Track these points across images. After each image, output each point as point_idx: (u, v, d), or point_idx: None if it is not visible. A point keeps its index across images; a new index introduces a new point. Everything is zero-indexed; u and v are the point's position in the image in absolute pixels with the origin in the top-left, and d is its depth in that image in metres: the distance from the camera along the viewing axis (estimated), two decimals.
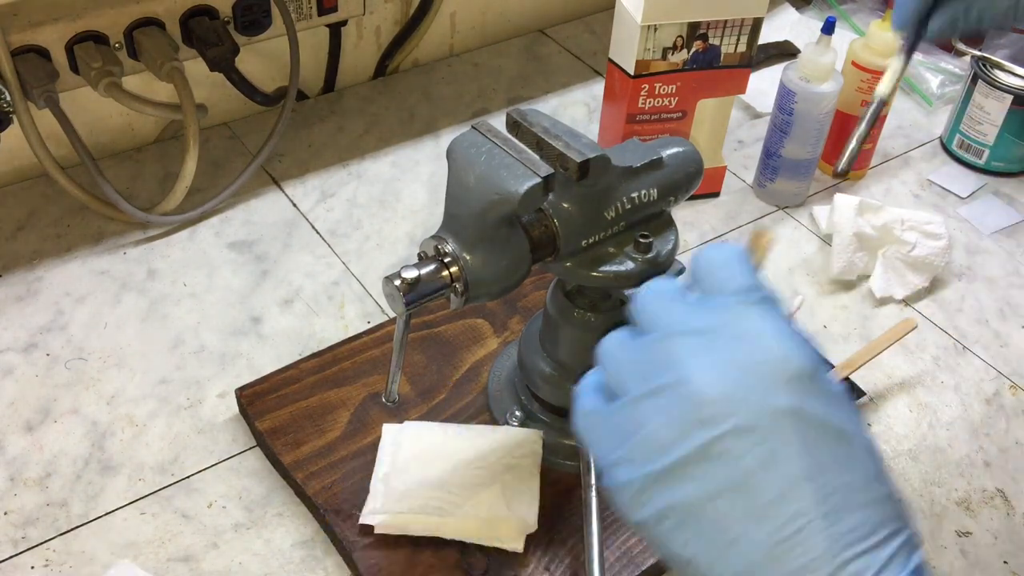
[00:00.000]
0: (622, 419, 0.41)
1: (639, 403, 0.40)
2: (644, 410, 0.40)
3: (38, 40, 0.86)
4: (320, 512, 0.68)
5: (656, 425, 0.40)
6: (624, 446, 0.41)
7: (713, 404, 0.39)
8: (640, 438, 0.40)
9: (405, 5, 1.10)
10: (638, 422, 0.40)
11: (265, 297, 0.86)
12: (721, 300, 0.42)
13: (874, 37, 0.94)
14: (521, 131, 0.59)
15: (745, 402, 0.38)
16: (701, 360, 0.40)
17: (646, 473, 0.40)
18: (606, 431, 0.42)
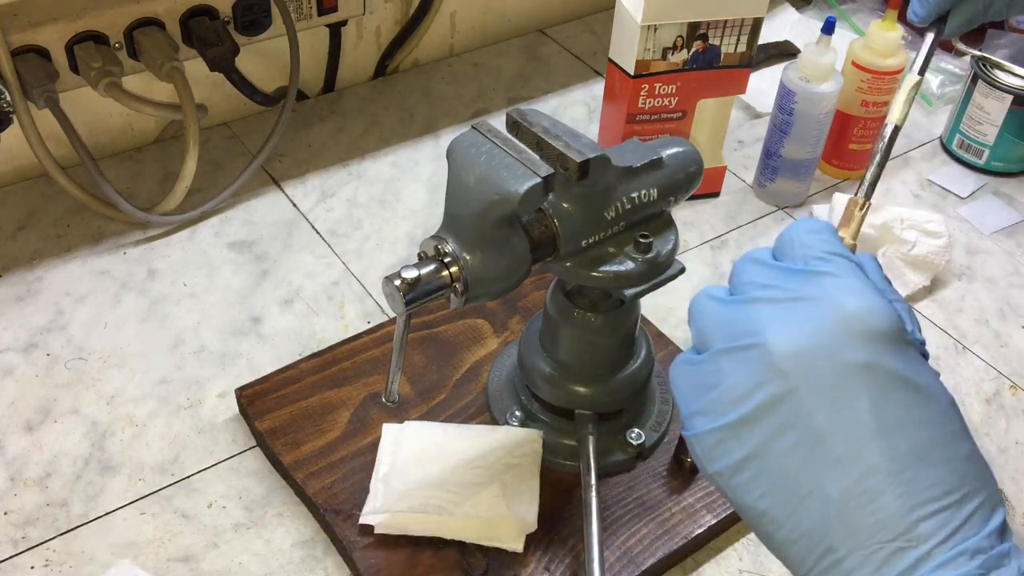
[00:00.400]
0: (704, 372, 0.43)
1: (720, 358, 0.42)
2: (724, 365, 0.42)
3: (38, 40, 0.86)
4: (320, 512, 0.68)
5: (734, 379, 0.41)
6: (704, 398, 0.42)
7: (787, 359, 0.40)
8: (719, 391, 0.42)
9: (405, 5, 1.10)
10: (719, 376, 0.42)
11: (265, 297, 0.86)
12: (804, 266, 0.43)
13: (874, 37, 0.94)
14: (521, 131, 0.59)
15: (818, 358, 0.39)
16: (780, 320, 0.41)
17: (722, 424, 0.41)
18: (690, 383, 0.44)
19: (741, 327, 0.42)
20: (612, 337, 0.68)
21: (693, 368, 0.44)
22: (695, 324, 0.45)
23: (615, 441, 0.72)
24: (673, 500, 0.70)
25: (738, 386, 0.41)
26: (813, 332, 0.40)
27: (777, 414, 0.40)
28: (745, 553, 0.70)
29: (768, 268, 0.44)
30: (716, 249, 0.94)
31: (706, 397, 0.42)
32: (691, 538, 0.68)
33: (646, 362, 0.71)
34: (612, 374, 0.69)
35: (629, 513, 0.69)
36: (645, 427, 0.73)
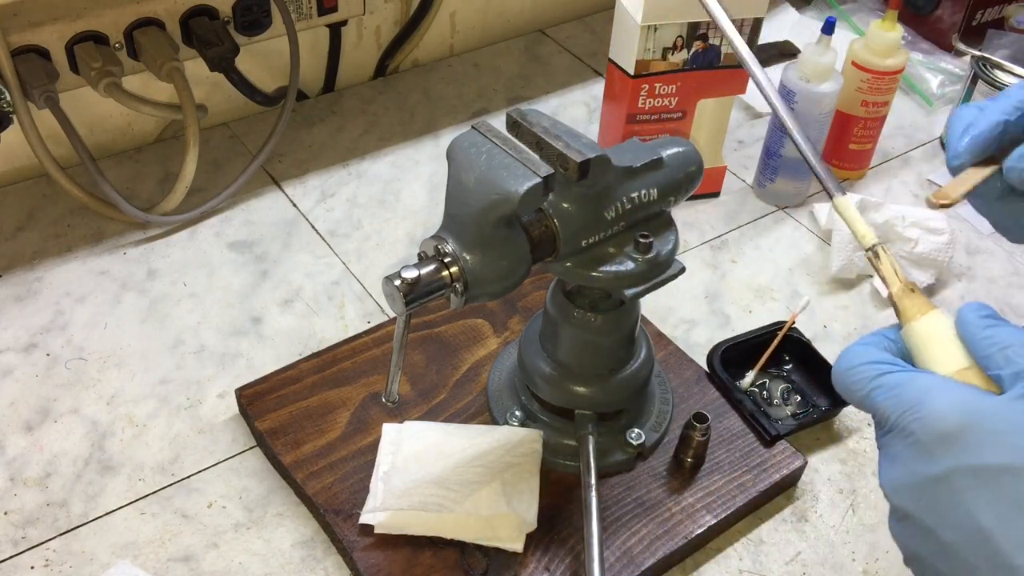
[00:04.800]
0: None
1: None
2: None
3: (38, 40, 0.86)
4: (320, 512, 0.68)
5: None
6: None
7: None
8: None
9: (405, 5, 1.10)
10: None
11: (265, 297, 0.86)
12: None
13: (874, 37, 0.94)
14: (521, 131, 0.59)
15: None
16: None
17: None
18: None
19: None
20: (612, 337, 0.68)
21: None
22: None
23: (615, 441, 0.72)
24: (673, 500, 0.70)
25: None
26: None
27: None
28: (745, 553, 0.70)
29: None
30: (716, 249, 0.94)
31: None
32: (691, 538, 0.68)
33: (646, 362, 0.71)
34: (612, 374, 0.69)
35: (629, 513, 0.69)
36: (645, 427, 0.73)
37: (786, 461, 0.73)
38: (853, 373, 0.47)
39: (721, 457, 0.73)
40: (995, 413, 0.42)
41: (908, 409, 0.44)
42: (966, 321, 0.47)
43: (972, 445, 0.41)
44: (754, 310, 0.88)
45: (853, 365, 0.47)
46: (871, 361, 0.46)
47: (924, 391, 0.44)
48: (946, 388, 0.44)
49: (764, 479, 0.71)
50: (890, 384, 0.45)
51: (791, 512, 0.73)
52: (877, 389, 0.45)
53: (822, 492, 0.74)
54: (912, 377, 0.45)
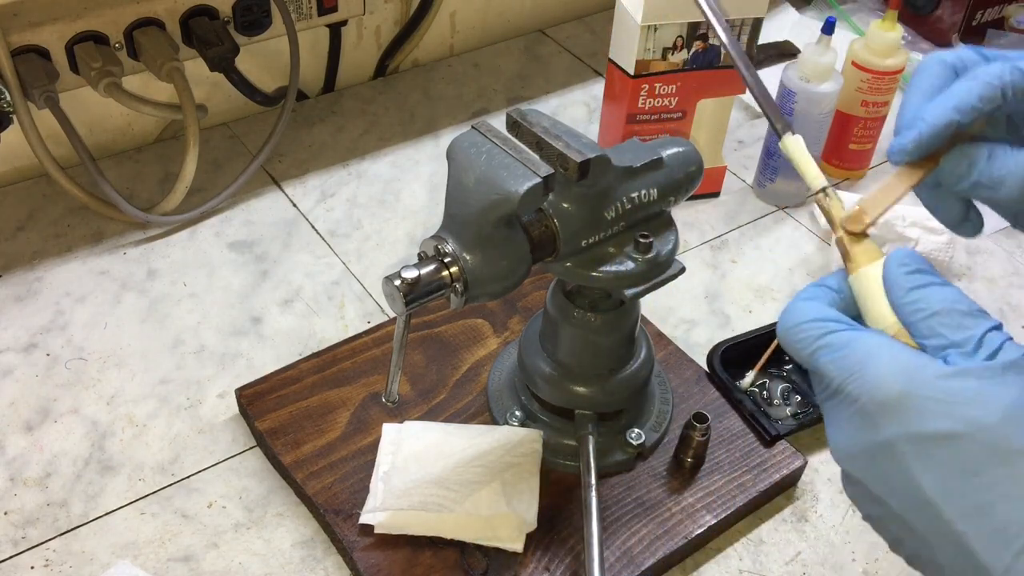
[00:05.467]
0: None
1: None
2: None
3: (38, 40, 0.86)
4: (320, 512, 0.68)
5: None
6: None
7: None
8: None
9: (405, 5, 1.10)
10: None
11: (265, 297, 0.86)
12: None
13: (874, 37, 0.94)
14: (521, 131, 0.59)
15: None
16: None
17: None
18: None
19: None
20: (612, 337, 0.68)
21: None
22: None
23: (615, 441, 0.72)
24: (673, 500, 0.70)
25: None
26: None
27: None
28: (745, 553, 0.70)
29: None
30: (716, 249, 0.94)
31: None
32: (691, 538, 0.68)
33: (646, 362, 0.71)
34: (612, 374, 0.69)
35: (629, 513, 0.69)
36: (645, 427, 0.73)
37: (786, 461, 0.73)
38: (797, 331, 0.45)
39: (721, 457, 0.73)
40: (935, 380, 0.41)
41: (851, 374, 0.43)
42: (890, 281, 0.45)
43: (913, 413, 0.41)
44: (754, 310, 0.88)
45: (797, 322, 0.45)
46: (814, 319, 0.45)
47: (867, 355, 0.42)
48: (889, 352, 0.42)
49: (764, 479, 0.71)
50: (834, 345, 0.44)
51: (791, 512, 0.73)
52: (821, 349, 0.44)
53: (822, 492, 0.74)
54: (855, 338, 0.43)
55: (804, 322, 0.45)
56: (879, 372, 0.42)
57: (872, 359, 0.42)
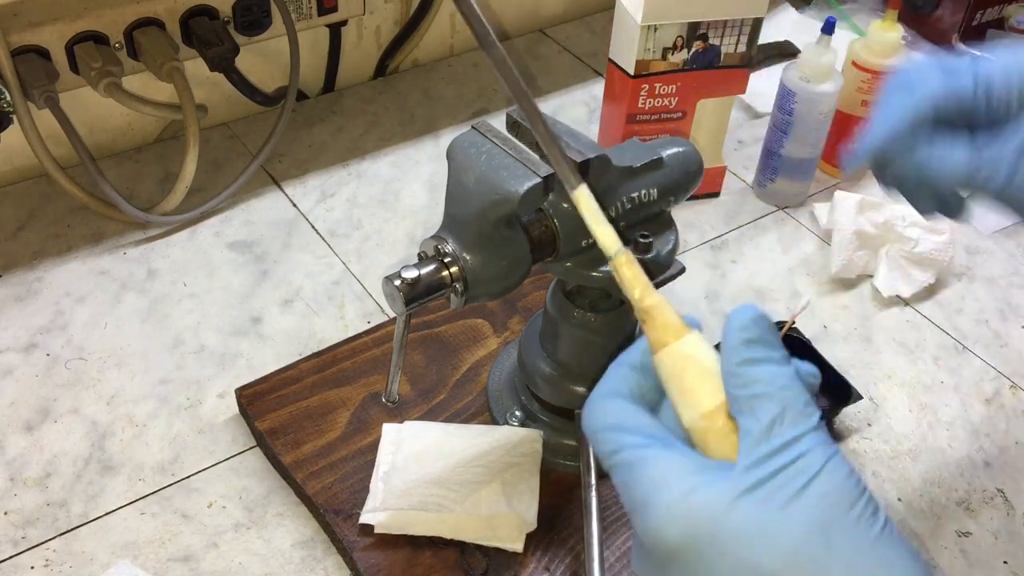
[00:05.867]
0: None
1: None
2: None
3: (38, 40, 0.86)
4: (320, 512, 0.68)
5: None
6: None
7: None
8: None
9: (405, 5, 1.10)
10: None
11: (265, 297, 0.86)
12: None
13: (874, 37, 0.94)
14: (521, 131, 0.59)
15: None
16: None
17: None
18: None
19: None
20: (612, 337, 0.68)
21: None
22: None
23: None
24: None
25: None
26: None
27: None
28: None
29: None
30: (716, 249, 0.94)
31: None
32: None
33: None
34: None
35: None
36: None
37: None
38: (596, 439, 0.42)
39: None
40: (720, 519, 0.37)
41: (635, 510, 0.39)
42: (727, 344, 0.41)
43: (697, 563, 0.38)
44: None
45: (595, 429, 0.42)
46: (609, 427, 0.41)
47: (651, 489, 0.39)
48: (673, 483, 0.38)
49: None
50: (623, 467, 0.40)
51: None
52: (614, 468, 0.41)
53: None
54: (642, 459, 0.39)
55: (599, 430, 0.42)
56: (660, 514, 0.38)
57: (655, 495, 0.39)
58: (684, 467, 0.39)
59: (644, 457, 0.40)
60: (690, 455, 0.40)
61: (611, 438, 0.41)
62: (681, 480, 0.38)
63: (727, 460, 0.39)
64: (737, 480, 0.38)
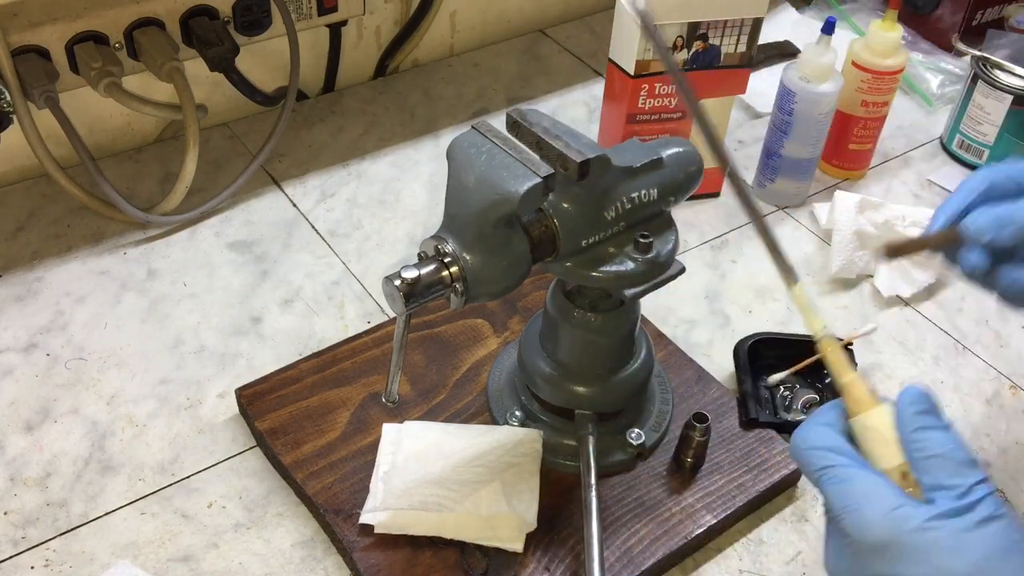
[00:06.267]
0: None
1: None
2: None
3: (38, 40, 0.86)
4: (320, 512, 0.68)
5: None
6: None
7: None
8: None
9: (405, 5, 1.10)
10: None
11: (265, 297, 0.86)
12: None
13: (874, 37, 0.94)
14: (521, 131, 0.59)
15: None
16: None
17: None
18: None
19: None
20: (612, 337, 0.68)
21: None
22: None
23: (615, 441, 0.72)
24: (673, 500, 0.70)
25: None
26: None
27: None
28: (745, 553, 0.70)
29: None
30: (716, 249, 0.94)
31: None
32: (691, 538, 0.68)
33: (646, 362, 0.71)
34: (612, 374, 0.69)
35: (629, 513, 0.69)
36: (645, 427, 0.73)
37: (786, 461, 0.73)
38: (808, 454, 0.51)
39: (721, 457, 0.73)
40: (918, 531, 0.46)
41: (846, 510, 0.48)
42: (901, 416, 0.50)
43: (895, 559, 0.47)
44: (754, 310, 0.88)
45: (809, 446, 0.51)
46: (824, 447, 0.50)
47: (862, 496, 0.48)
48: (882, 497, 0.48)
49: (764, 479, 0.71)
50: (837, 477, 0.49)
51: (791, 512, 0.73)
52: (825, 475, 0.50)
53: None
54: (855, 475, 0.49)
55: (815, 448, 0.51)
56: (870, 516, 0.47)
57: (866, 502, 0.48)
58: (889, 489, 0.48)
59: (856, 475, 0.49)
60: (890, 483, 0.49)
61: (827, 456, 0.50)
62: (888, 497, 0.48)
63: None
64: (931, 508, 0.47)
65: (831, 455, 0.50)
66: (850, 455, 0.50)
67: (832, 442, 0.51)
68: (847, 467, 0.49)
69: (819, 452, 0.51)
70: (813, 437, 0.51)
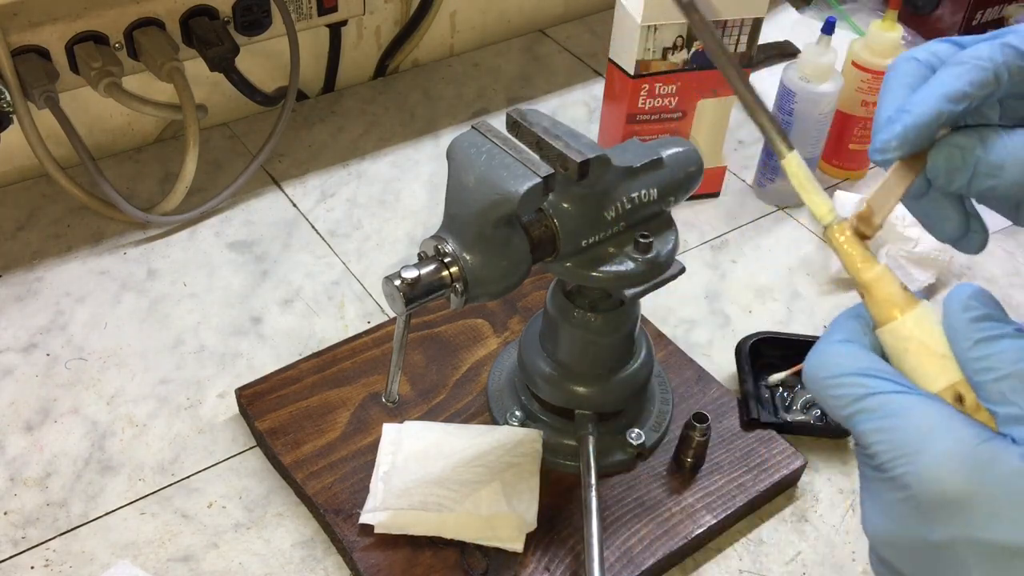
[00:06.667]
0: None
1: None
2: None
3: (38, 40, 0.86)
4: (320, 512, 0.68)
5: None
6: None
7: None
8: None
9: (405, 5, 1.10)
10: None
11: (265, 297, 0.86)
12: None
13: (874, 37, 0.94)
14: (521, 131, 0.59)
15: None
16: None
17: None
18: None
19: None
20: (612, 337, 0.68)
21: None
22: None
23: (615, 441, 0.72)
24: (673, 500, 0.70)
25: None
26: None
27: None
28: (745, 553, 0.70)
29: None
30: (716, 249, 0.94)
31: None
32: (691, 538, 0.68)
33: (646, 362, 0.71)
34: (612, 374, 0.69)
35: (629, 513, 0.69)
36: (645, 427, 0.73)
37: (786, 461, 0.73)
38: (832, 385, 0.38)
39: (721, 457, 0.73)
40: (1010, 478, 0.34)
41: (901, 455, 0.36)
42: (953, 329, 0.38)
43: (982, 517, 0.34)
44: (754, 310, 0.88)
45: (833, 374, 0.38)
46: (853, 372, 0.38)
47: (922, 435, 0.36)
48: (951, 433, 0.35)
49: (764, 479, 0.71)
50: (880, 412, 0.37)
51: (791, 512, 0.73)
52: (863, 413, 0.37)
53: (822, 492, 0.74)
54: (907, 406, 0.37)
55: (840, 375, 0.38)
56: (938, 460, 0.35)
57: (929, 441, 0.35)
58: (960, 418, 0.36)
59: (908, 404, 0.37)
60: (954, 410, 0.37)
61: (859, 383, 0.37)
62: (961, 430, 0.35)
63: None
64: (1020, 440, 0.35)
65: (865, 380, 0.37)
66: (891, 376, 0.38)
67: (862, 362, 0.38)
68: (893, 394, 0.37)
69: (847, 379, 0.38)
70: (835, 361, 0.39)
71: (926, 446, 0.35)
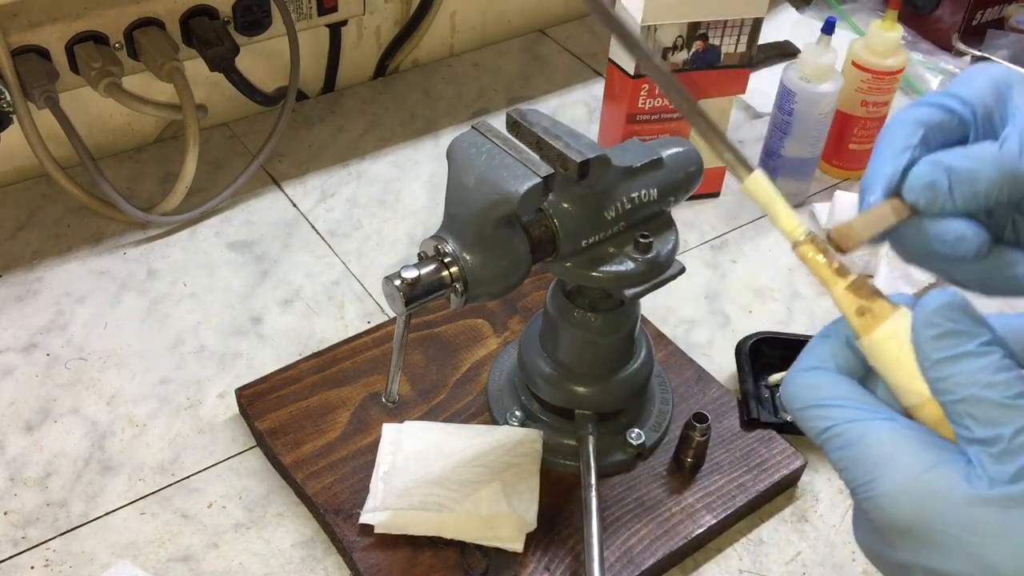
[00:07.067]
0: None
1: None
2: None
3: (38, 40, 0.86)
4: (320, 512, 0.68)
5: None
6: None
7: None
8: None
9: (405, 5, 1.10)
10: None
11: (265, 297, 0.86)
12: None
13: (874, 37, 0.94)
14: (521, 131, 0.59)
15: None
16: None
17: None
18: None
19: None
20: (612, 337, 0.68)
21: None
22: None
23: (615, 441, 0.72)
24: (673, 500, 0.70)
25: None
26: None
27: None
28: (745, 553, 0.70)
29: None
30: (716, 249, 0.94)
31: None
32: (691, 538, 0.68)
33: (646, 362, 0.71)
34: (612, 374, 0.69)
35: (629, 513, 0.69)
36: (645, 427, 0.73)
37: (786, 461, 0.73)
38: (803, 416, 0.39)
39: (721, 457, 0.73)
40: (956, 509, 0.35)
41: (861, 484, 0.37)
42: (917, 346, 0.38)
43: (931, 548, 0.36)
44: (754, 310, 0.88)
45: (803, 405, 0.39)
46: (817, 404, 0.39)
47: (878, 463, 0.36)
48: (906, 459, 0.36)
49: (764, 479, 0.71)
50: (842, 438, 0.38)
51: (791, 512, 0.73)
52: (829, 442, 0.38)
53: (822, 492, 0.74)
54: (864, 435, 0.37)
55: (806, 407, 0.39)
56: (889, 491, 0.36)
57: (883, 470, 0.36)
58: (913, 442, 0.36)
59: (865, 431, 0.37)
60: (916, 429, 0.37)
61: (821, 414, 0.38)
62: (913, 456, 0.36)
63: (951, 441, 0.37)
64: (970, 472, 0.35)
65: (827, 411, 0.38)
66: (856, 401, 0.38)
67: (827, 391, 0.39)
68: (854, 422, 0.38)
69: (811, 412, 0.39)
70: (802, 393, 0.39)
71: (880, 475, 0.36)
